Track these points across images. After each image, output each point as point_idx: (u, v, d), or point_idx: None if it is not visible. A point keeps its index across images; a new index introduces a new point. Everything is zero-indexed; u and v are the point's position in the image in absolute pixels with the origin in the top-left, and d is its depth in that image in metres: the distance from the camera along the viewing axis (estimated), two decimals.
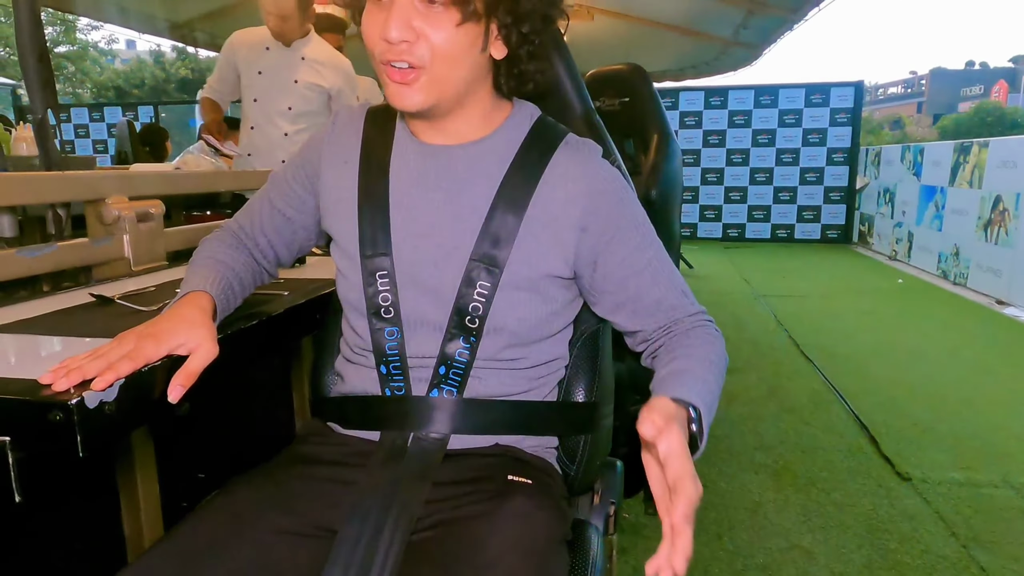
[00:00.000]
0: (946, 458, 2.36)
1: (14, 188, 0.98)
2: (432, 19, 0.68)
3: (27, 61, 1.10)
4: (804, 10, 4.58)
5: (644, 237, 0.81)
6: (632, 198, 0.83)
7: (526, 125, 0.81)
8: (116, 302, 0.87)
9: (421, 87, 0.70)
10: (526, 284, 0.77)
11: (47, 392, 0.53)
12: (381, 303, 0.77)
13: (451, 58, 0.70)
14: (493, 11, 0.70)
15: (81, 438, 0.51)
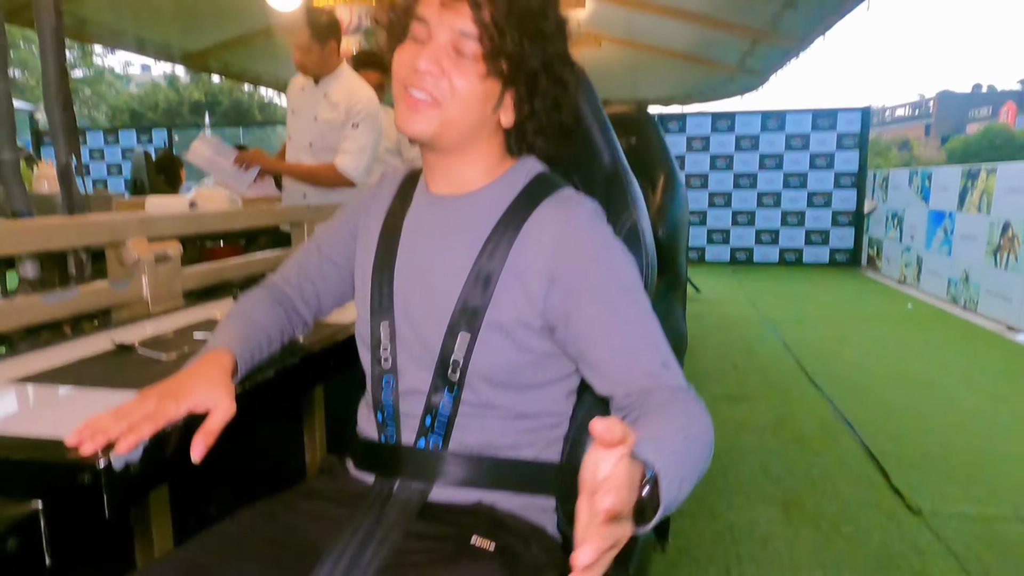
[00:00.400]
0: (957, 491, 2.34)
1: (39, 235, 1.01)
2: (460, 65, 0.75)
3: (53, 111, 1.14)
4: (808, 40, 4.64)
5: (622, 297, 0.76)
6: (615, 256, 0.78)
7: (522, 180, 0.83)
8: (137, 350, 0.90)
9: (429, 118, 0.76)
10: (499, 329, 0.78)
11: (75, 454, 0.55)
12: (382, 352, 0.82)
13: (464, 102, 0.76)
14: (513, 80, 0.77)
15: (107, 499, 0.53)
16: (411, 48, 0.77)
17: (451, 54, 0.75)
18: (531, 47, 0.75)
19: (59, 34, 1.16)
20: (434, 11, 0.75)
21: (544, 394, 0.82)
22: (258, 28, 5.26)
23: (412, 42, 0.77)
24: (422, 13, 0.76)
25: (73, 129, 1.16)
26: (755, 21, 4.63)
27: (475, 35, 0.74)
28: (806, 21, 4.32)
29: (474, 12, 0.73)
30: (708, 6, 4.70)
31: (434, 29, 0.75)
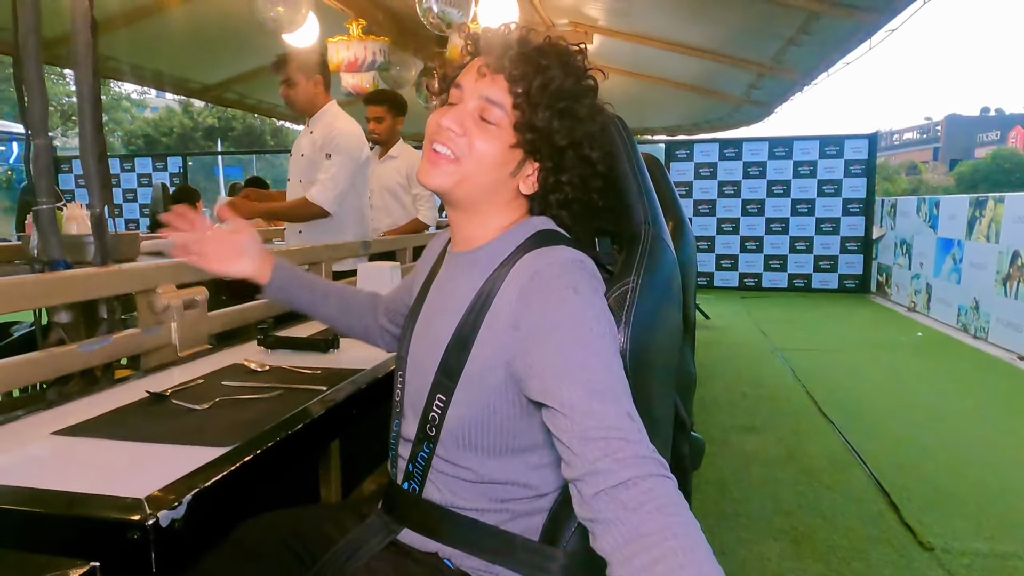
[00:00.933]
0: (969, 526, 2.33)
1: (76, 287, 1.06)
2: (483, 129, 0.81)
3: (88, 162, 1.20)
4: (814, 74, 4.70)
5: (581, 340, 0.70)
6: (580, 300, 0.73)
7: (521, 237, 0.83)
8: (169, 399, 0.94)
9: (446, 173, 0.81)
10: (471, 390, 0.78)
11: (122, 512, 0.59)
12: (395, 396, 0.90)
13: (480, 163, 0.81)
14: (535, 153, 0.82)
15: (155, 556, 0.57)
16: (443, 110, 0.83)
17: (476, 118, 0.81)
18: (560, 125, 0.79)
19: (95, 91, 1.23)
20: (470, 79, 0.82)
21: (513, 463, 0.80)
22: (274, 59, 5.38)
23: (447, 105, 0.84)
24: (460, 80, 0.83)
25: (107, 179, 1.23)
26: (760, 56, 4.71)
27: (502, 104, 0.80)
28: (810, 57, 4.39)
29: (509, 84, 0.79)
30: (713, 41, 4.79)
31: (467, 94, 0.82)
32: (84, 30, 1.22)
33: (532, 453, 0.80)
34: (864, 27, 3.60)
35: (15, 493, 0.63)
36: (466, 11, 3.42)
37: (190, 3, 3.97)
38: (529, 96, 0.78)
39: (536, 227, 0.84)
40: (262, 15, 3.44)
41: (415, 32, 4.45)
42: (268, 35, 3.71)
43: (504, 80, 0.80)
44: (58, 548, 0.56)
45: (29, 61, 1.15)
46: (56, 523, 0.60)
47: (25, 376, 1.00)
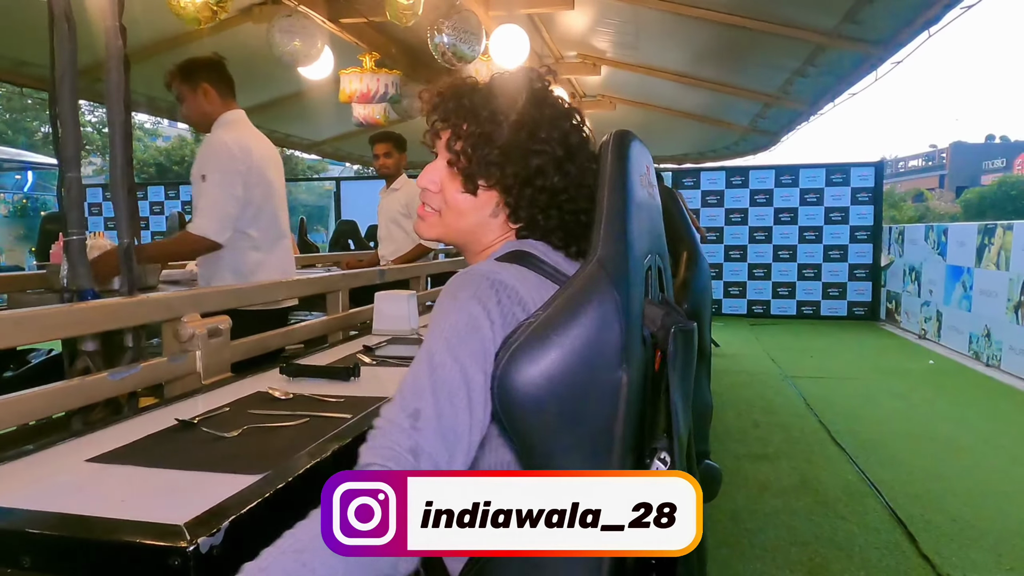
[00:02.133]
0: (988, 558, 2.30)
1: (106, 316, 1.09)
2: (452, 181, 0.87)
3: (119, 195, 1.24)
4: (821, 104, 4.76)
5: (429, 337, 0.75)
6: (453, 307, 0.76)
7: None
8: (198, 426, 0.96)
9: (432, 225, 0.90)
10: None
11: (163, 539, 0.61)
12: None
13: (458, 211, 0.88)
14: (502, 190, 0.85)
15: None
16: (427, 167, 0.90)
17: (446, 171, 0.87)
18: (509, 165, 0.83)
19: (127, 127, 1.27)
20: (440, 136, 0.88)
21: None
22: (289, 93, 5.49)
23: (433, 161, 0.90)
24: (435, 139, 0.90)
25: (135, 212, 1.26)
26: (767, 87, 4.78)
27: (454, 147, 0.85)
28: (817, 88, 4.45)
29: (445, 132, 0.86)
30: (720, 72, 4.87)
31: (438, 149, 0.89)
32: (117, 67, 1.26)
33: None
34: (870, 59, 3.66)
35: (58, 519, 0.65)
36: (477, 45, 3.50)
37: (208, 37, 4.08)
38: (466, 148, 0.84)
39: (508, 249, 0.86)
40: (279, 49, 3.53)
41: (427, 64, 4.55)
42: (283, 67, 3.80)
43: (443, 131, 0.87)
44: (112, 571, 0.57)
45: (64, 98, 1.20)
46: (98, 549, 0.61)
47: (58, 404, 1.03)
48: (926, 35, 3.07)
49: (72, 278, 1.19)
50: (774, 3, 3.56)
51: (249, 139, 2.23)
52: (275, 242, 2.25)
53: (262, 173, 2.20)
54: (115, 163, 1.26)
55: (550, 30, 4.69)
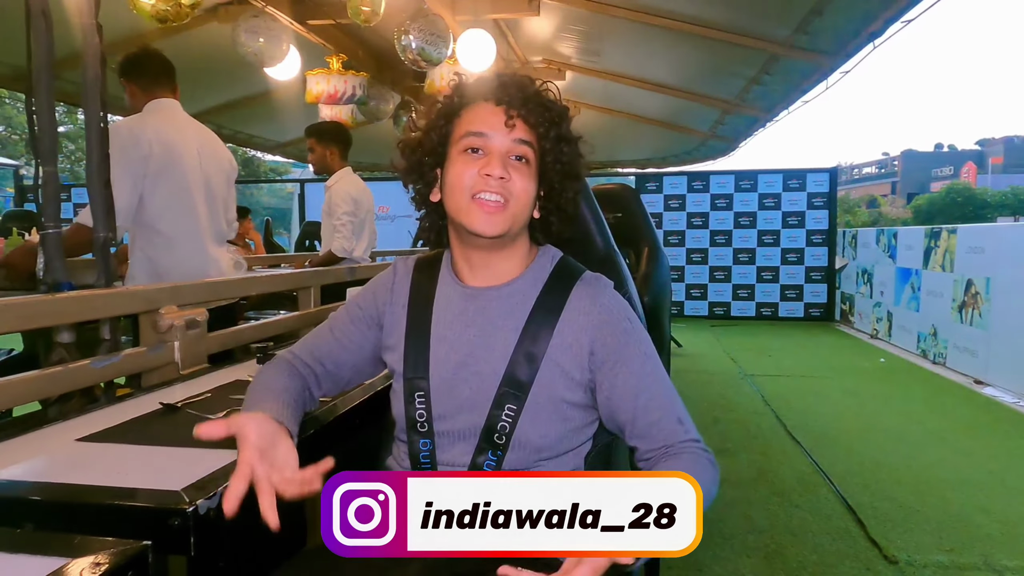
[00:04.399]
0: (931, 540, 2.44)
1: (85, 306, 1.12)
2: (518, 169, 0.91)
3: (95, 190, 1.26)
4: (776, 111, 4.95)
5: (645, 364, 0.92)
6: (636, 327, 0.94)
7: (548, 267, 0.97)
8: (182, 409, 0.99)
9: (505, 218, 0.90)
10: (548, 405, 0.90)
11: (166, 502, 0.65)
12: (418, 418, 0.91)
13: (524, 201, 0.91)
14: (544, 181, 0.94)
15: (194, 539, 0.63)
16: (472, 160, 0.90)
17: (511, 160, 0.90)
18: (568, 155, 0.94)
19: (103, 125, 1.29)
20: (491, 126, 0.90)
21: (568, 457, 0.95)
22: (254, 93, 5.47)
23: (467, 156, 0.91)
24: (478, 129, 0.90)
25: (111, 206, 1.28)
26: (725, 93, 4.95)
27: (532, 143, 0.91)
28: (772, 95, 4.63)
29: (533, 128, 0.91)
30: (680, 79, 5.01)
31: (494, 142, 0.90)
32: (94, 65, 1.29)
33: (583, 447, 0.97)
34: (821, 68, 3.84)
35: (60, 488, 0.69)
36: (444, 49, 3.56)
37: (172, 37, 4.05)
38: (549, 135, 0.92)
39: (556, 257, 0.99)
40: (244, 49, 3.53)
41: (393, 66, 4.59)
42: (248, 67, 3.79)
43: (525, 124, 0.91)
44: (114, 532, 0.61)
45: (40, 94, 1.22)
46: (101, 513, 0.66)
47: (43, 390, 1.05)
48: (871, 47, 3.25)
49: (48, 271, 1.21)
50: (732, 13, 3.71)
51: (164, 128, 2.04)
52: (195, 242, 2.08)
53: (173, 165, 2.01)
54: (91, 159, 1.28)
55: (516, 35, 4.77)
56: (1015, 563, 2.27)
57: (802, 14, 3.23)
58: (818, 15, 3.14)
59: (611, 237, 1.08)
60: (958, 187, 29.38)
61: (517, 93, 0.91)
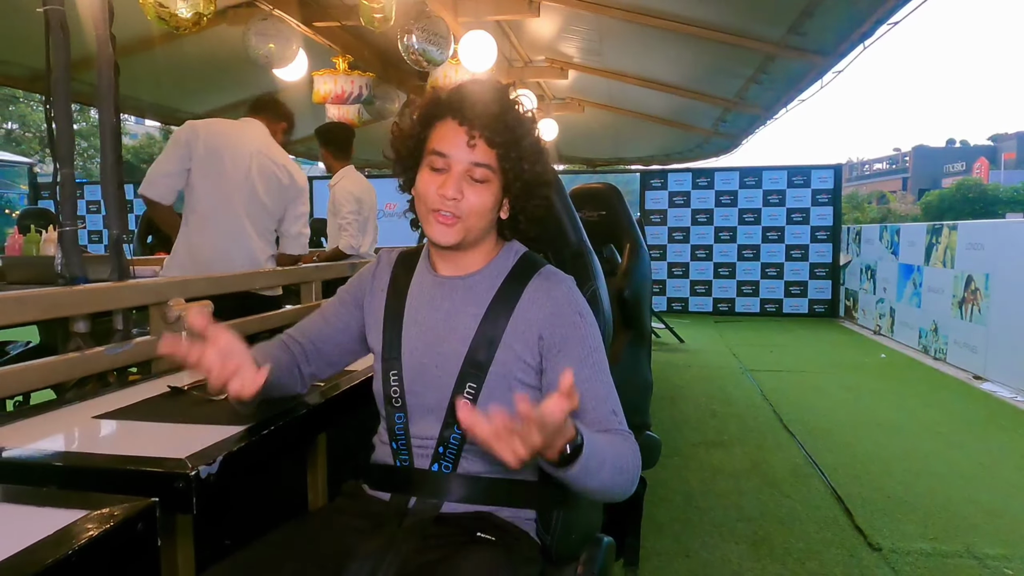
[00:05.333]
0: (915, 529, 2.51)
1: (100, 298, 1.21)
2: (474, 187, 0.99)
3: (109, 190, 1.35)
4: (775, 109, 5.00)
5: (587, 356, 0.98)
6: (586, 321, 1.01)
7: (511, 260, 1.07)
8: (188, 392, 1.09)
9: (457, 231, 0.99)
10: (504, 385, 0.99)
11: (171, 467, 0.74)
12: (392, 394, 1.02)
13: (478, 214, 1.00)
14: (509, 191, 1.02)
15: (195, 499, 0.72)
16: (434, 177, 0.99)
17: (467, 180, 0.98)
18: (531, 171, 1.01)
19: (116, 128, 1.38)
20: (452, 147, 0.98)
21: None
22: (261, 93, 5.56)
23: (430, 171, 1.00)
24: (441, 149, 0.98)
25: (124, 206, 1.37)
26: (725, 92, 5.00)
27: (491, 165, 0.99)
28: (770, 94, 4.69)
29: (494, 149, 0.98)
30: (681, 78, 5.07)
31: (454, 161, 0.98)
32: (107, 72, 1.38)
33: None
34: (815, 68, 3.90)
35: (77, 455, 0.78)
36: (446, 49, 3.64)
37: (182, 39, 4.15)
38: (510, 155, 0.99)
39: (519, 251, 1.08)
40: (255, 52, 3.62)
41: (398, 66, 4.67)
42: (256, 68, 3.89)
43: (486, 144, 0.98)
44: (126, 492, 0.70)
45: (59, 101, 1.31)
46: (114, 476, 0.75)
47: (60, 374, 1.14)
48: (862, 47, 3.31)
49: (66, 265, 1.31)
50: (727, 15, 3.77)
51: (218, 125, 2.48)
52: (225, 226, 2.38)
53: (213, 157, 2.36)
54: (106, 160, 1.37)
55: (518, 35, 4.85)
56: (997, 551, 2.33)
57: (794, 15, 3.29)
58: (809, 16, 3.20)
59: (583, 233, 1.17)
60: (969, 183, 29.14)
61: (481, 112, 0.98)
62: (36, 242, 2.66)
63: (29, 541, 0.56)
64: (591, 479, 0.84)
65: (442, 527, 0.95)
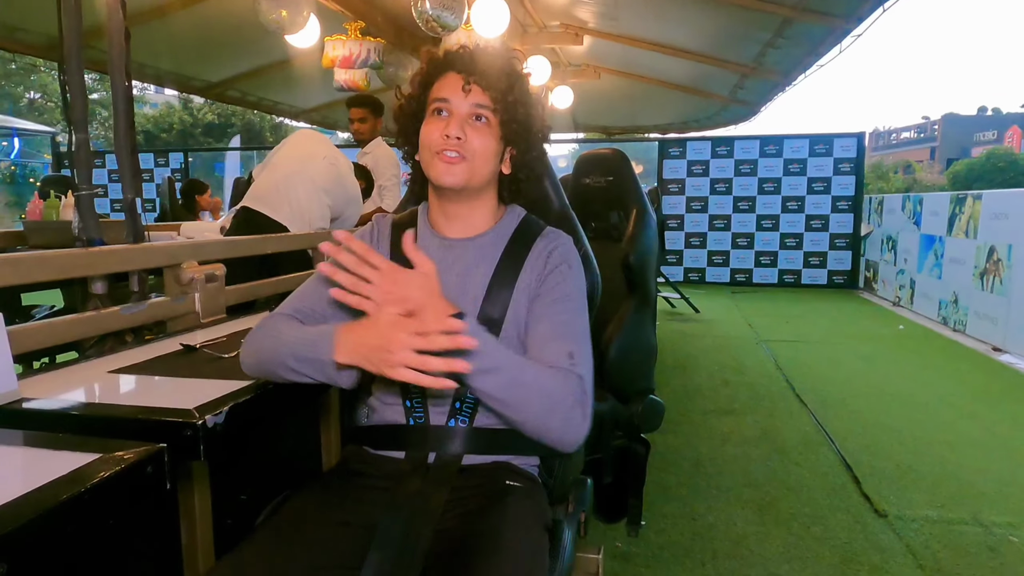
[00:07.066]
0: (922, 497, 2.52)
1: (116, 259, 1.25)
2: (477, 129, 1.03)
3: (123, 156, 1.38)
4: (793, 75, 4.90)
5: (561, 301, 1.03)
6: (573, 272, 1.06)
7: (515, 222, 1.12)
8: (200, 350, 1.13)
9: (463, 170, 1.02)
10: (516, 338, 1.03)
11: (179, 416, 0.78)
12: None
13: (483, 157, 1.04)
14: (512, 141, 1.07)
15: (203, 446, 0.76)
16: (437, 122, 1.03)
17: (470, 121, 1.03)
18: (525, 115, 1.05)
19: (128, 94, 1.41)
20: (452, 93, 1.03)
21: None
22: (276, 60, 5.56)
23: (435, 118, 1.04)
24: (441, 95, 1.04)
25: (137, 172, 1.40)
26: (742, 58, 4.90)
27: (489, 106, 1.03)
28: (788, 59, 4.58)
29: (491, 92, 1.03)
30: (698, 43, 4.97)
31: (455, 106, 1.03)
32: (118, 39, 1.40)
33: None
34: (834, 32, 3.80)
35: (105, 405, 0.83)
36: (459, 14, 3.60)
37: (195, 6, 4.15)
38: (506, 99, 1.03)
39: (521, 214, 1.13)
40: (266, 17, 3.61)
41: (412, 32, 4.63)
42: (270, 35, 3.88)
43: (484, 90, 1.03)
44: (138, 439, 0.74)
45: (72, 67, 1.33)
46: (127, 423, 0.79)
47: (79, 331, 1.19)
48: (881, 10, 3.21)
49: (84, 228, 1.34)
50: None
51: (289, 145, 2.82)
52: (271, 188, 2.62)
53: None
54: (118, 126, 1.40)
55: (532, 0, 4.77)
56: (1004, 519, 2.34)
57: None
58: None
59: (565, 197, 1.20)
60: (999, 152, 28.30)
61: (477, 61, 1.04)
62: (56, 207, 2.72)
63: (46, 479, 0.60)
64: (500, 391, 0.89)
65: (467, 478, 1.00)
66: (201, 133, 24.97)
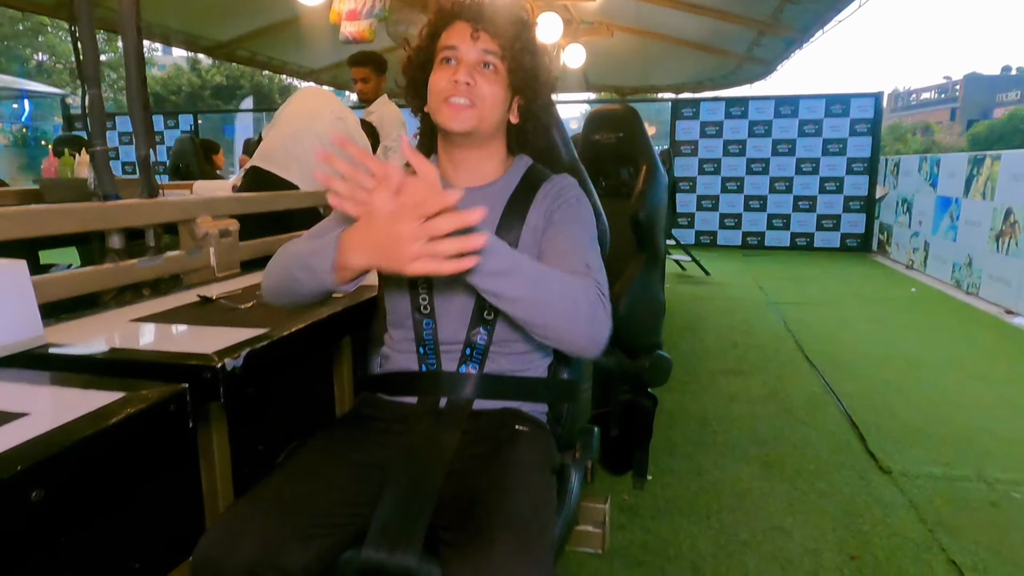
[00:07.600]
0: (927, 455, 2.55)
1: (131, 213, 1.27)
2: (485, 75, 1.04)
3: (135, 112, 1.40)
4: (811, 31, 4.78)
5: (574, 226, 1.05)
6: (582, 205, 1.09)
7: (521, 171, 1.13)
8: (217, 301, 1.16)
9: (471, 116, 1.03)
10: None
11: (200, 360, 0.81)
12: (421, 302, 1.07)
13: (492, 103, 1.05)
14: (520, 89, 1.08)
15: (222, 388, 0.79)
16: (446, 69, 1.04)
17: (479, 68, 1.04)
18: (537, 63, 1.07)
19: (139, 50, 1.41)
20: (460, 40, 1.04)
21: None
22: (284, 18, 5.50)
23: (443, 66, 1.05)
24: (451, 43, 1.04)
25: (150, 128, 1.42)
26: (759, 13, 4.78)
27: (497, 53, 1.05)
28: (806, 15, 4.47)
29: (499, 39, 1.04)
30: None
31: (463, 53, 1.04)
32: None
33: None
34: None
35: (128, 350, 0.87)
36: None
37: None
38: (514, 46, 1.05)
39: (527, 163, 1.15)
40: None
41: None
42: None
43: (492, 37, 1.04)
44: (161, 379, 0.77)
45: (83, 24, 1.34)
46: (151, 367, 0.82)
47: (98, 283, 1.22)
48: None
49: (99, 184, 1.37)
50: None
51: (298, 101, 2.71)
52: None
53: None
54: (130, 83, 1.41)
55: None
56: (1007, 476, 2.37)
57: None
58: None
59: (574, 149, 1.21)
60: (1022, 112, 27.67)
61: (485, 11, 1.05)
62: (71, 165, 2.74)
63: (73, 416, 0.63)
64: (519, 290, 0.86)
65: (477, 422, 1.03)
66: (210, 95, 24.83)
